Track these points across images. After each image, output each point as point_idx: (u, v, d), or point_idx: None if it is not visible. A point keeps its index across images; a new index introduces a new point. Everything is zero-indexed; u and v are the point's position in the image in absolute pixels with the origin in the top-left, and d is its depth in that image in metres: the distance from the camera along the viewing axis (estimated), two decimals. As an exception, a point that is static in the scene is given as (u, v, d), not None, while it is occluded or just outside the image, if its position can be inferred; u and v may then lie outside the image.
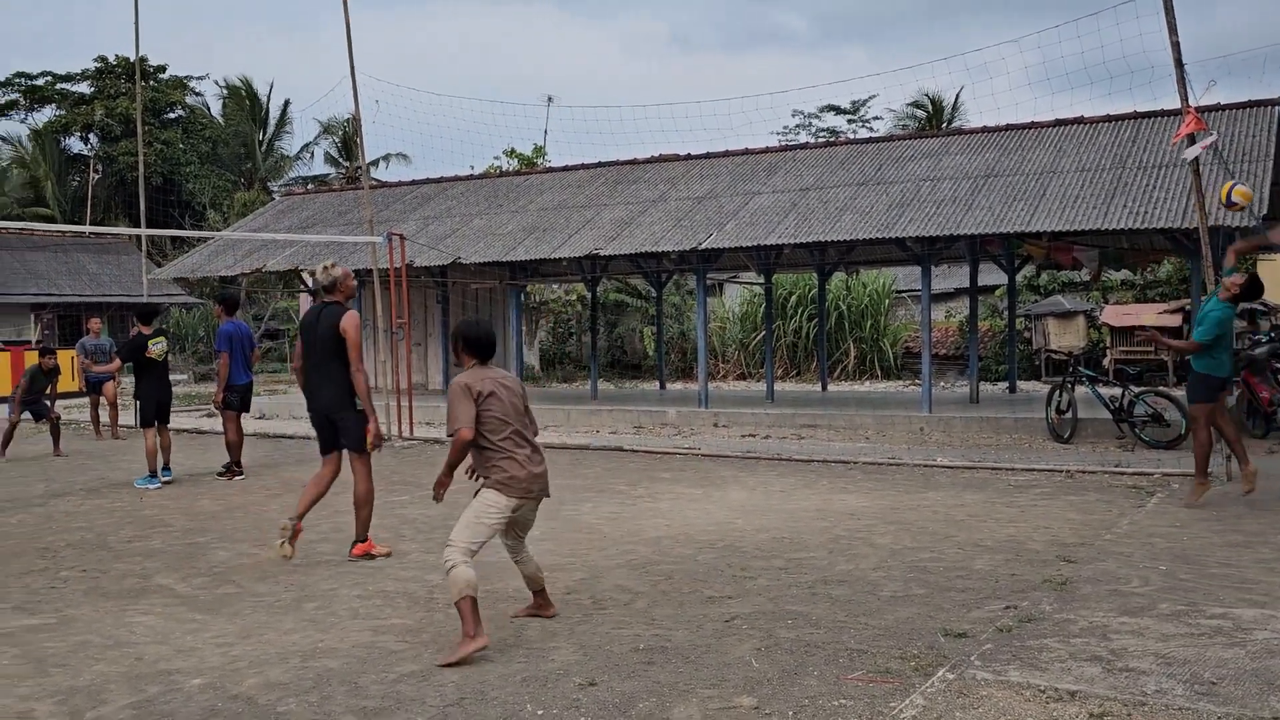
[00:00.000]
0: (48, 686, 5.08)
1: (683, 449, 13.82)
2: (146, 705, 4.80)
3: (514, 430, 5.72)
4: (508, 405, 5.72)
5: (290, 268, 20.71)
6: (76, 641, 5.82)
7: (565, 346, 30.99)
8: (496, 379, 5.78)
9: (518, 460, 5.69)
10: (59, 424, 15.10)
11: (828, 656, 5.28)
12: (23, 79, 50.69)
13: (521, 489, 5.69)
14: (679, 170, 20.18)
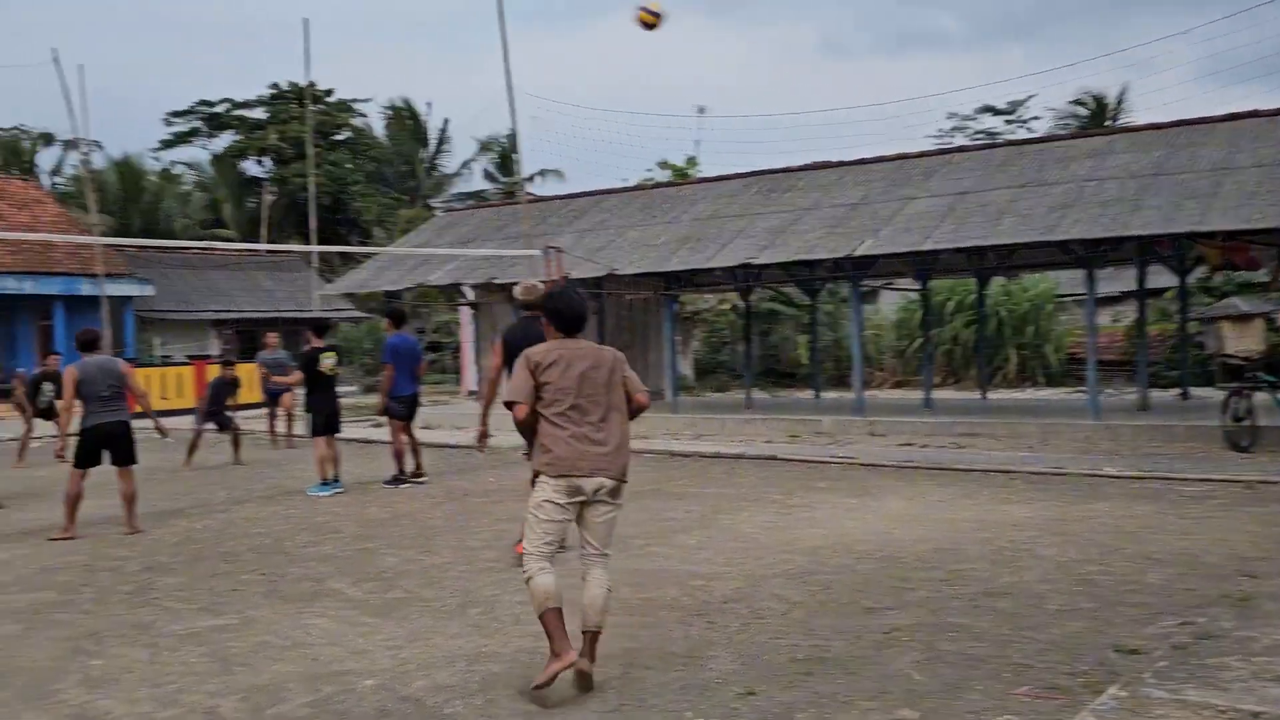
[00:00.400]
0: (232, 684, 5.37)
1: (838, 458, 13.68)
2: (323, 704, 5.03)
3: (572, 405, 5.19)
4: (573, 376, 5.21)
5: (451, 282, 21.32)
6: (257, 642, 6.12)
7: (719, 355, 31.00)
8: (569, 347, 5.31)
9: (563, 436, 5.17)
10: (240, 435, 15.91)
11: (992, 671, 5.16)
12: (204, 107, 53.61)
13: (568, 466, 5.14)
14: (832, 177, 20.00)
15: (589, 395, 5.23)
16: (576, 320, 5.44)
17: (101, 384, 9.83)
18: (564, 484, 5.16)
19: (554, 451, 5.17)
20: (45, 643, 6.21)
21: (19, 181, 38.16)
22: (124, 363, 10.27)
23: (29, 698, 5.24)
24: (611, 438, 5.26)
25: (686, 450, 15.04)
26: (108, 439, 9.90)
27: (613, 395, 5.32)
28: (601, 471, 5.19)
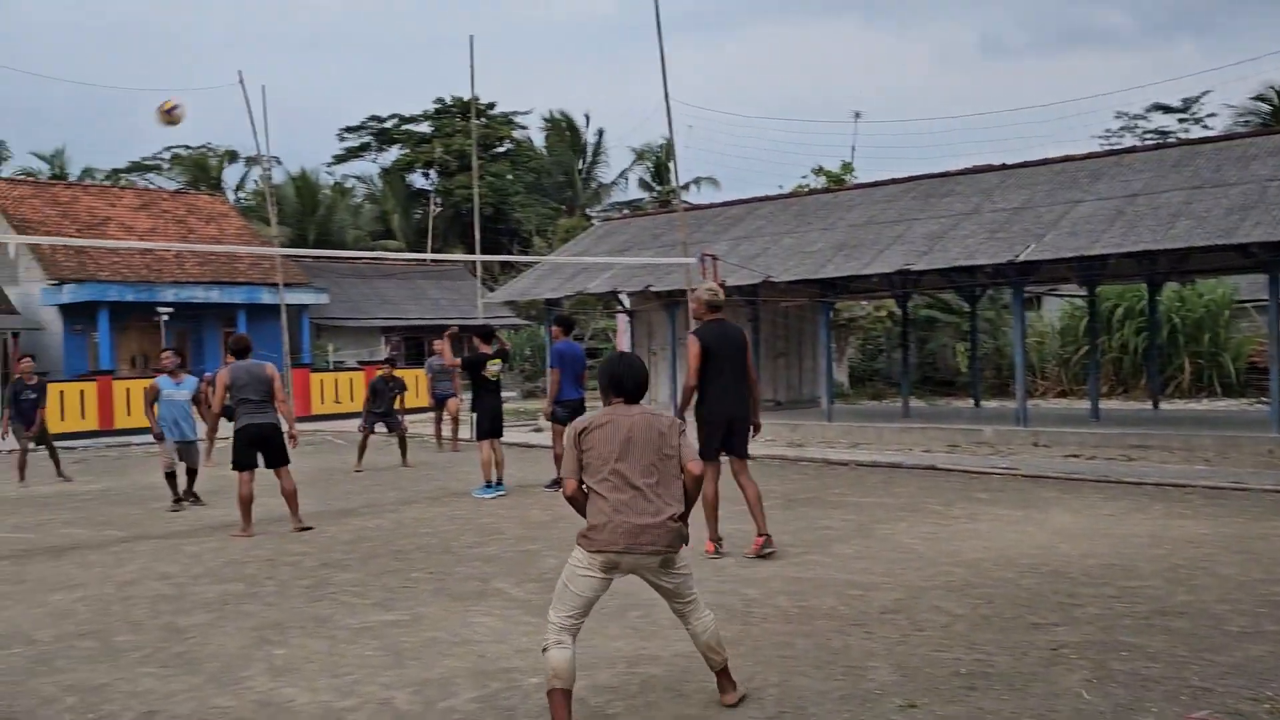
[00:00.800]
0: (404, 677, 5.61)
1: (1000, 469, 13.36)
2: (489, 700, 5.21)
3: (613, 470, 4.83)
4: (617, 441, 4.88)
5: (608, 290, 21.64)
6: (427, 638, 6.37)
7: (875, 363, 30.59)
8: (619, 413, 4.99)
9: (605, 507, 4.80)
10: (407, 437, 16.50)
11: (1167, 693, 5.00)
12: (374, 122, 55.78)
13: (603, 542, 4.77)
14: (993, 181, 19.54)
15: (634, 462, 4.85)
16: (637, 389, 5.11)
17: (251, 388, 10.25)
18: (599, 559, 4.81)
19: (592, 523, 4.84)
20: (233, 632, 6.60)
21: (206, 196, 40.44)
22: (271, 367, 10.62)
23: (220, 683, 5.58)
24: (657, 511, 4.82)
25: (842, 459, 14.92)
26: (259, 440, 10.33)
27: (662, 463, 4.92)
28: (642, 547, 4.78)
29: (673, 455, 4.96)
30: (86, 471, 16.65)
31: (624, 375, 5.11)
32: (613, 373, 5.13)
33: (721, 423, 8.47)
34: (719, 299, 8.61)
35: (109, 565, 8.90)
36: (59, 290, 30.99)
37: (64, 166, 50.96)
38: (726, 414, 8.48)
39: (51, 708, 5.25)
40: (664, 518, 4.83)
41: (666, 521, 4.83)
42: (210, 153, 54.44)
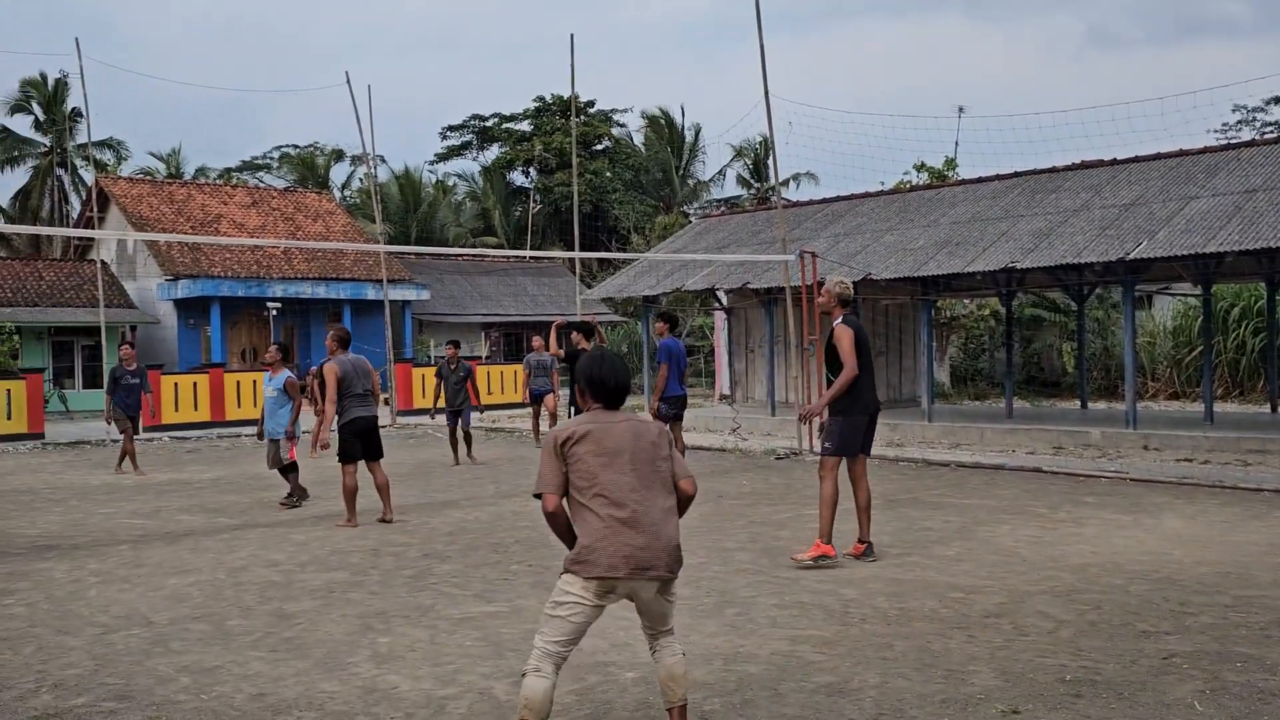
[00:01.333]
0: (503, 668, 5.68)
1: (1109, 472, 13.02)
2: (587, 693, 5.26)
3: (604, 486, 4.34)
4: (606, 452, 4.39)
5: (706, 287, 21.62)
6: (526, 630, 6.44)
7: (977, 363, 30.05)
8: (603, 421, 4.50)
9: (598, 526, 4.31)
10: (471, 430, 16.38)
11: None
12: (476, 121, 56.58)
13: (601, 568, 4.27)
14: (1103, 176, 19.03)
15: (625, 475, 4.38)
16: (619, 392, 4.61)
17: (358, 381, 10.40)
18: (594, 585, 4.30)
19: (584, 543, 4.33)
20: (339, 619, 6.77)
21: (314, 194, 41.43)
22: (367, 360, 10.77)
23: (326, 668, 5.73)
24: (657, 530, 4.36)
25: (943, 459, 14.69)
26: (366, 433, 10.45)
27: (655, 475, 4.47)
28: (644, 572, 4.31)
29: (665, 468, 4.51)
30: (199, 461, 17.19)
31: (605, 377, 4.59)
32: (592, 374, 4.60)
33: (865, 418, 8.28)
34: (850, 293, 8.46)
35: (221, 551, 9.18)
36: (174, 285, 32.08)
37: (179, 166, 52.72)
38: (871, 408, 8.34)
39: (167, 687, 5.44)
40: (666, 538, 4.38)
41: (670, 544, 4.39)
42: (318, 152, 55.81)
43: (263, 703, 5.19)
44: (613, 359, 4.67)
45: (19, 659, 6.01)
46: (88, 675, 5.68)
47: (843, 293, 8.42)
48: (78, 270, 33.73)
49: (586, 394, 4.60)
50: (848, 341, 8.12)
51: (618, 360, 4.68)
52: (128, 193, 35.33)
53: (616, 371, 4.60)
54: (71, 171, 46.14)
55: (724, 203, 51.20)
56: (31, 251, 44.03)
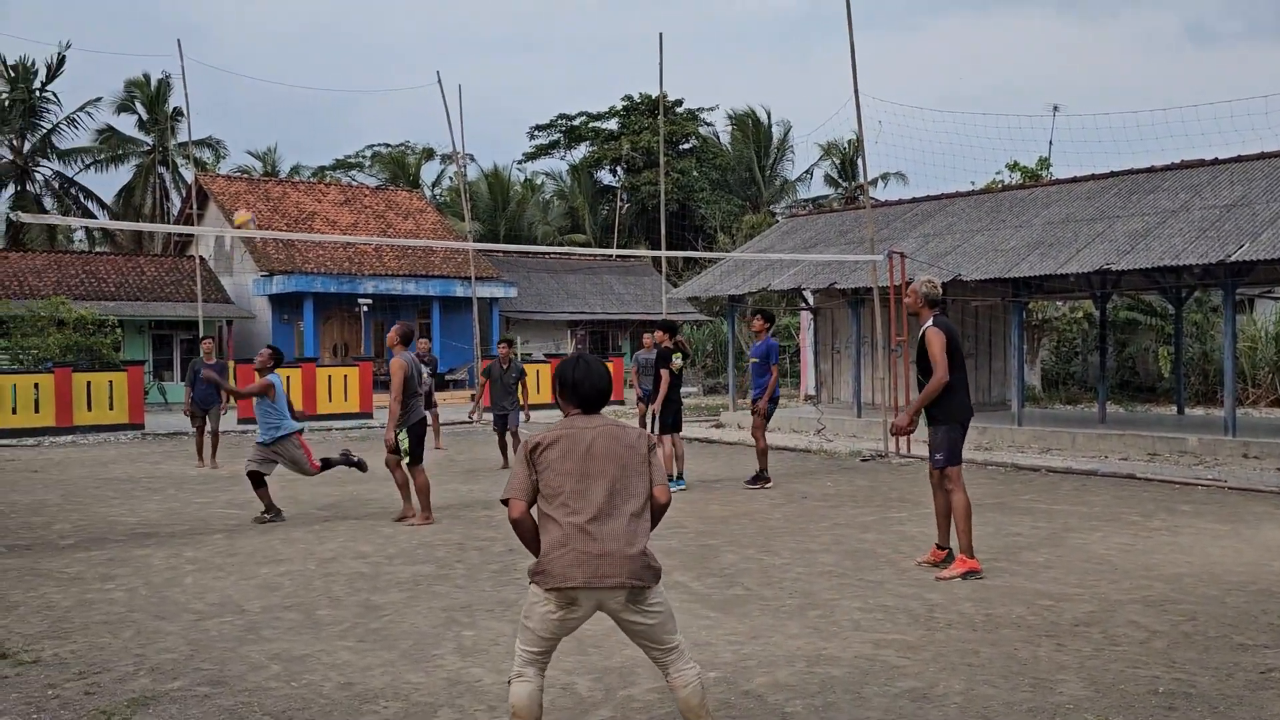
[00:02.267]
0: (585, 664, 5.72)
1: (1206, 480, 12.66)
2: (668, 692, 5.24)
3: (571, 493, 4.19)
4: (575, 459, 4.24)
5: (793, 287, 21.49)
6: (608, 626, 6.44)
7: (1070, 366, 29.41)
8: (578, 427, 4.33)
9: (558, 535, 4.17)
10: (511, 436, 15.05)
11: (1389, 725, 4.65)
12: (563, 120, 56.96)
13: (558, 577, 4.13)
14: (1204, 176, 18.49)
15: (595, 482, 4.22)
16: (597, 397, 4.42)
17: (418, 380, 10.30)
18: (554, 596, 4.17)
19: (547, 555, 4.18)
20: (425, 611, 6.87)
21: (404, 193, 42.09)
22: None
23: (412, 660, 5.82)
24: (619, 536, 4.17)
25: (1033, 464, 14.42)
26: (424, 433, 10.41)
27: (627, 482, 4.27)
28: (605, 580, 4.13)
29: (642, 474, 4.32)
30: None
31: (581, 380, 4.40)
32: (567, 377, 4.42)
33: (967, 423, 7.98)
34: (937, 293, 8.14)
35: (311, 543, 9.38)
36: (269, 281, 32.84)
37: (275, 164, 53.97)
38: (969, 413, 8.01)
39: (259, 674, 5.58)
40: (629, 546, 4.17)
41: (632, 551, 4.17)
42: (409, 150, 56.68)
43: (350, 691, 5.29)
44: (591, 362, 4.49)
45: (118, 642, 6.21)
46: (183, 660, 5.85)
47: (930, 293, 8.10)
48: (177, 266, 34.73)
49: (564, 399, 4.42)
50: (938, 345, 7.79)
51: (597, 363, 4.50)
52: (225, 190, 36.27)
53: (593, 375, 4.41)
54: (172, 169, 47.48)
55: (811, 202, 50.83)
56: (134, 247, 45.44)
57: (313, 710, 5.03)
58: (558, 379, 4.44)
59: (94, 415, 21.58)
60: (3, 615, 6.89)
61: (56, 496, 12.52)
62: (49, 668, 5.72)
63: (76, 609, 7.04)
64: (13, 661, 5.82)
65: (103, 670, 5.67)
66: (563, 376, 4.43)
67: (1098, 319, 21.87)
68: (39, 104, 44.26)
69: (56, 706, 5.11)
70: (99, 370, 22.74)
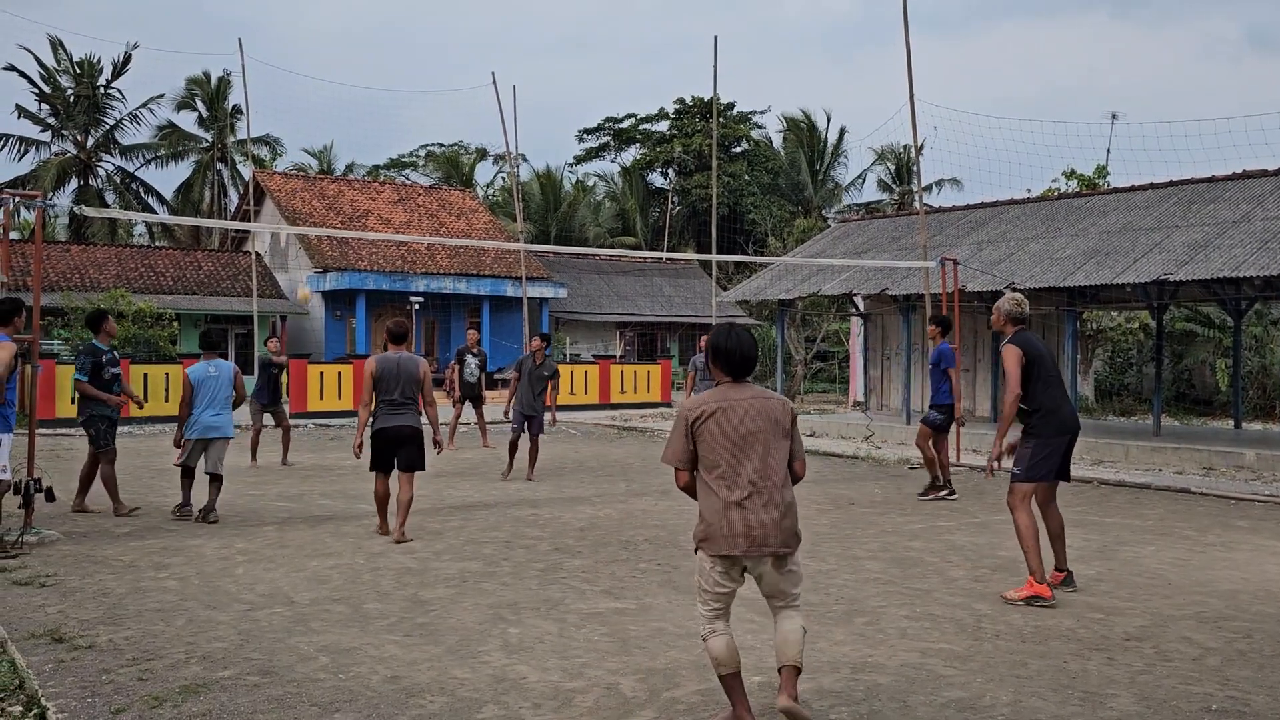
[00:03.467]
0: (630, 664, 5.73)
1: (1264, 495, 12.42)
2: (712, 694, 5.25)
3: (728, 466, 4.64)
4: (731, 431, 4.65)
5: (843, 292, 21.38)
6: (654, 628, 6.49)
7: (1124, 377, 29.00)
8: (732, 398, 4.71)
9: (717, 505, 4.64)
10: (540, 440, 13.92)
11: None
12: (611, 123, 57.08)
13: (718, 545, 4.64)
14: (1267, 187, 18.16)
15: (748, 453, 4.65)
16: (746, 363, 4.78)
17: (396, 385, 9.18)
18: (719, 562, 4.68)
19: (708, 523, 4.68)
20: (471, 608, 6.92)
21: (457, 192, 42.38)
22: (424, 364, 9.44)
23: (458, 655, 5.86)
24: (772, 508, 4.64)
25: (1085, 475, 14.22)
26: (394, 443, 9.30)
27: (775, 454, 4.70)
28: (761, 549, 4.63)
29: (785, 444, 4.73)
30: (341, 447, 17.75)
31: (734, 350, 4.77)
32: (720, 346, 4.78)
33: (1063, 439, 7.44)
34: (1024, 311, 7.77)
35: (360, 537, 9.47)
36: (323, 278, 33.21)
37: (330, 162, 54.55)
38: (1069, 427, 7.49)
39: (307, 665, 5.65)
40: (775, 517, 4.63)
41: (781, 520, 4.64)
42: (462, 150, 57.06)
43: (397, 685, 5.34)
44: (740, 331, 4.82)
45: (171, 630, 6.31)
46: (233, 649, 5.93)
47: (1013, 310, 7.74)
48: (234, 261, 35.23)
49: (715, 365, 4.78)
50: (1011, 361, 7.41)
51: (745, 333, 4.84)
52: (282, 188, 36.74)
53: (743, 344, 4.76)
54: (230, 166, 48.18)
55: (863, 207, 50.53)
56: (191, 242, 46.13)
57: (359, 702, 5.08)
58: (711, 347, 4.81)
59: (150, 407, 21.90)
60: (60, 601, 7.03)
61: (113, 486, 12.73)
62: (104, 653, 5.83)
63: (131, 596, 7.16)
64: (69, 646, 5.94)
65: (155, 657, 5.76)
66: (716, 344, 4.78)
67: (1154, 330, 21.55)
68: (103, 100, 45.09)
69: (110, 691, 5.20)
70: (156, 362, 23.10)
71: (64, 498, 10.73)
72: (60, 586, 7.44)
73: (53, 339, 27.07)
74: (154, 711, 4.93)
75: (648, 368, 29.42)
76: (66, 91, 44.45)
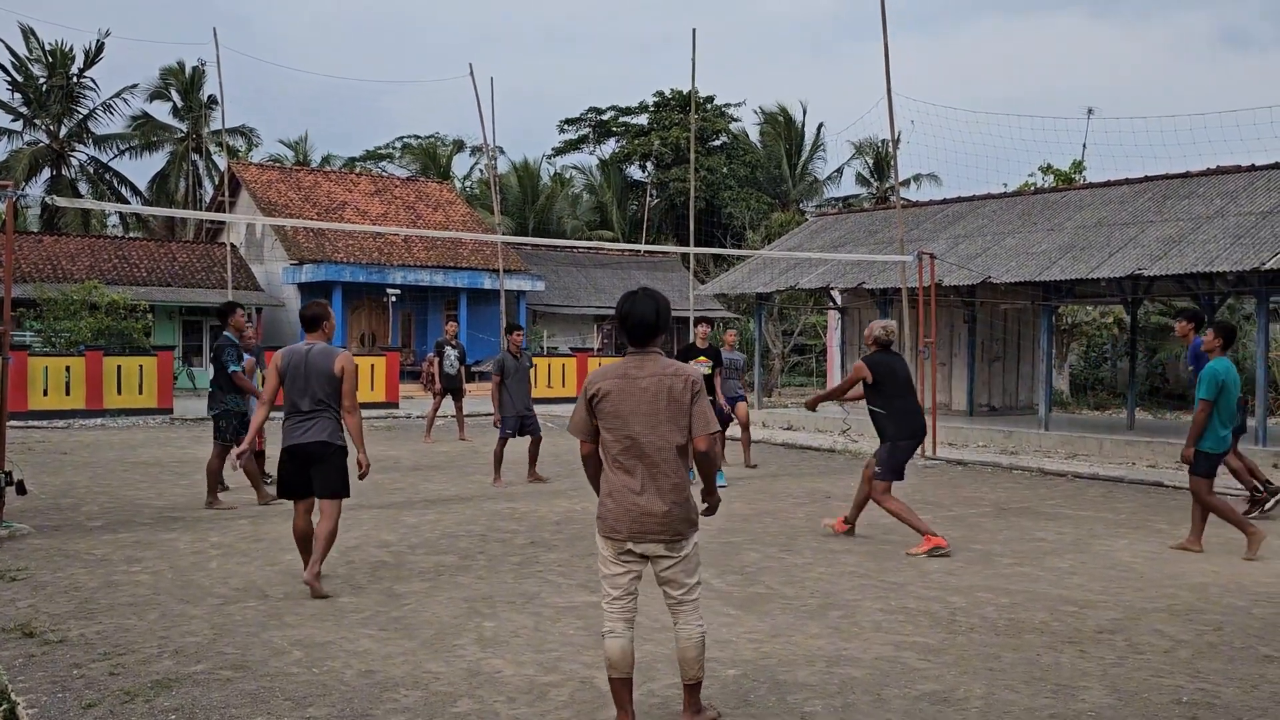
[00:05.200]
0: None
1: (1235, 490, 12.52)
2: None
3: (625, 448, 4.49)
4: (631, 410, 4.47)
5: (821, 286, 21.42)
6: (629, 621, 6.48)
7: (1099, 372, 29.20)
8: (632, 373, 4.50)
9: (609, 487, 4.55)
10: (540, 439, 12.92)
11: None
12: (593, 114, 56.96)
13: (609, 527, 4.52)
14: (1240, 183, 18.30)
15: (641, 438, 4.48)
16: (647, 328, 4.55)
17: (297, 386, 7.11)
18: (610, 545, 4.56)
19: (602, 504, 4.59)
20: (446, 602, 6.90)
21: (435, 184, 42.20)
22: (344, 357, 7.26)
23: (433, 649, 5.85)
24: (662, 493, 4.48)
25: (1060, 469, 14.32)
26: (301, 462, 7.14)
27: (668, 435, 4.50)
28: (649, 536, 4.49)
29: (685, 421, 4.51)
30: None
31: (630, 314, 4.55)
32: (621, 311, 4.58)
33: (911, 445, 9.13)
34: (890, 338, 9.21)
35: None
36: (299, 270, 33.02)
37: (306, 154, 54.20)
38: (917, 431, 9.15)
39: (281, 660, 5.62)
40: (664, 504, 4.47)
41: (670, 508, 4.48)
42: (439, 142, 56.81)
43: (371, 679, 5.32)
44: (646, 296, 4.58)
45: (143, 625, 6.27)
46: (207, 644, 5.90)
47: (881, 336, 9.12)
48: (209, 252, 34.97)
49: (620, 331, 4.63)
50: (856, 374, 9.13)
51: (650, 298, 4.58)
52: (258, 179, 36.48)
53: (643, 309, 4.52)
54: (205, 157, 47.80)
55: (841, 201, 50.64)
56: (166, 233, 45.77)
57: (333, 697, 5.06)
58: (617, 314, 4.63)
59: (123, 399, 21.77)
60: (31, 595, 6.97)
61: (85, 479, 12.64)
62: (75, 647, 5.78)
63: (103, 590, 7.11)
64: (40, 640, 5.89)
65: (127, 652, 5.72)
66: (620, 310, 4.59)
67: (1128, 324, 21.70)
68: (76, 90, 44.66)
69: (81, 686, 5.16)
70: (129, 354, 22.93)
71: (35, 491, 10.64)
72: (31, 580, 7.37)
73: (24, 330, 26.82)
74: (126, 706, 4.90)
75: (625, 361, 29.41)
76: (39, 80, 43.99)
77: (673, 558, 4.56)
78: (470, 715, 4.86)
